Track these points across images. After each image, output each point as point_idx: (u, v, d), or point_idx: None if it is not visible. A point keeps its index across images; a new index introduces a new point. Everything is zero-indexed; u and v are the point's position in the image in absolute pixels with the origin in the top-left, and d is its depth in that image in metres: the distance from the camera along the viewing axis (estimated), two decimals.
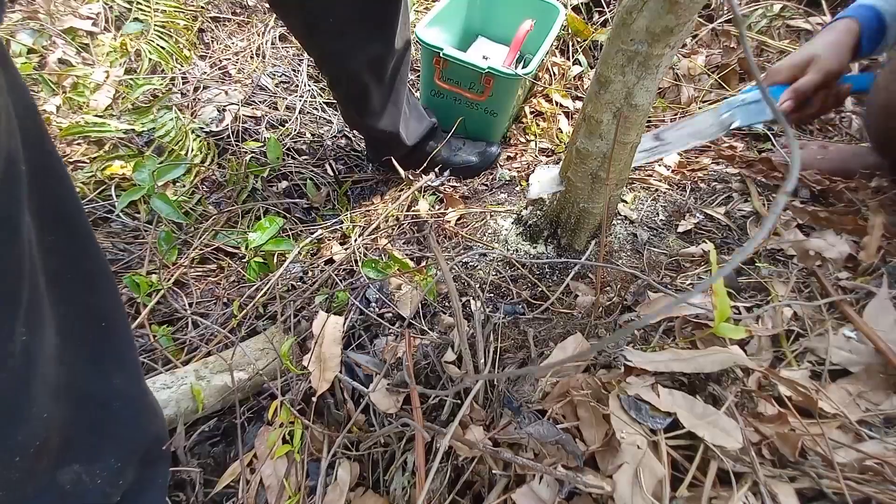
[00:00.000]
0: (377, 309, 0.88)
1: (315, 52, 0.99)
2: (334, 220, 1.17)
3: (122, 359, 0.52)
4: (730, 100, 0.88)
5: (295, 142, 1.38)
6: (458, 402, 0.65)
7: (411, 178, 1.23)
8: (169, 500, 0.71)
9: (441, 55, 1.18)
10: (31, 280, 0.39)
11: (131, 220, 1.12)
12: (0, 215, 0.35)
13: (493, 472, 0.57)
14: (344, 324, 0.81)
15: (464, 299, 0.86)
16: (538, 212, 0.94)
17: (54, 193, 0.42)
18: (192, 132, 1.28)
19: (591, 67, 1.59)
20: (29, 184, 0.38)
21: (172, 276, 1.02)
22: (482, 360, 0.63)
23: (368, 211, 1.20)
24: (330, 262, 1.04)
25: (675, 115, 1.39)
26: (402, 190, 1.24)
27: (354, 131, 1.44)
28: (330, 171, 1.33)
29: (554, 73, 1.55)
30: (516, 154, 1.40)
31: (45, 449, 0.43)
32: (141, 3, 1.54)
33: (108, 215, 1.12)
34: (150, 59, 1.46)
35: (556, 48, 1.61)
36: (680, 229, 0.92)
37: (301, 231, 1.16)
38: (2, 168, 0.34)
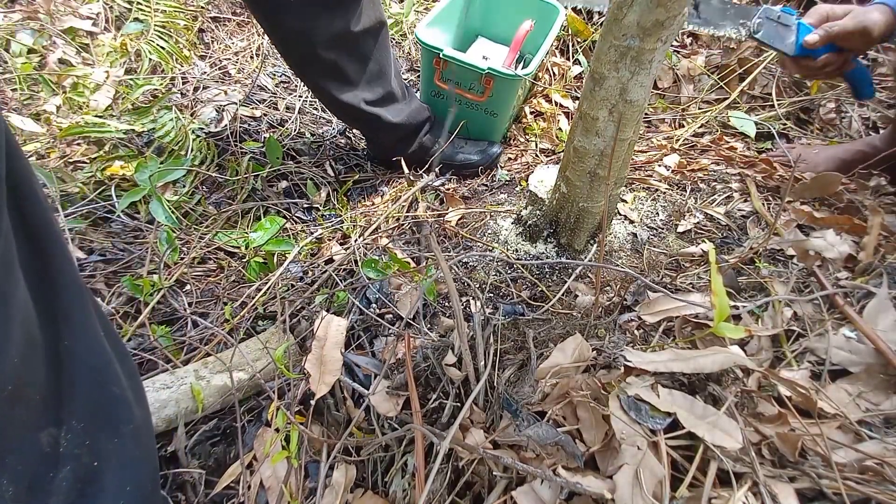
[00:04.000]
0: (377, 309, 0.88)
1: (280, 34, 1.02)
2: (334, 220, 1.17)
3: (69, 318, 0.53)
4: (767, 8, 0.88)
5: (295, 142, 1.38)
6: (458, 404, 0.65)
7: (412, 178, 1.24)
8: (170, 500, 0.71)
9: (441, 56, 1.18)
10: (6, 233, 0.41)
11: (131, 220, 1.12)
12: None
13: (494, 473, 0.57)
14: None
15: (463, 300, 0.86)
16: (538, 212, 0.94)
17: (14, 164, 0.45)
18: (192, 132, 1.28)
19: None
20: None
21: (173, 275, 1.02)
22: (482, 363, 0.63)
23: (368, 211, 1.20)
24: (330, 262, 1.04)
25: (676, 115, 1.39)
26: (402, 190, 1.24)
27: (353, 130, 1.44)
28: (330, 171, 1.33)
29: (554, 73, 1.55)
30: (516, 154, 1.40)
31: (19, 398, 0.45)
32: (141, 3, 1.54)
33: (109, 215, 1.12)
34: (150, 60, 1.46)
35: (556, 48, 1.61)
36: (680, 229, 0.93)
37: (301, 231, 1.16)
38: None
